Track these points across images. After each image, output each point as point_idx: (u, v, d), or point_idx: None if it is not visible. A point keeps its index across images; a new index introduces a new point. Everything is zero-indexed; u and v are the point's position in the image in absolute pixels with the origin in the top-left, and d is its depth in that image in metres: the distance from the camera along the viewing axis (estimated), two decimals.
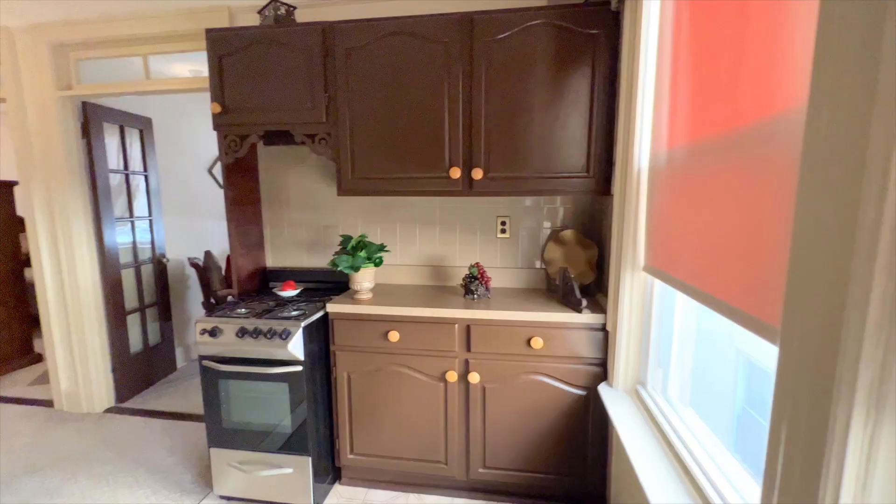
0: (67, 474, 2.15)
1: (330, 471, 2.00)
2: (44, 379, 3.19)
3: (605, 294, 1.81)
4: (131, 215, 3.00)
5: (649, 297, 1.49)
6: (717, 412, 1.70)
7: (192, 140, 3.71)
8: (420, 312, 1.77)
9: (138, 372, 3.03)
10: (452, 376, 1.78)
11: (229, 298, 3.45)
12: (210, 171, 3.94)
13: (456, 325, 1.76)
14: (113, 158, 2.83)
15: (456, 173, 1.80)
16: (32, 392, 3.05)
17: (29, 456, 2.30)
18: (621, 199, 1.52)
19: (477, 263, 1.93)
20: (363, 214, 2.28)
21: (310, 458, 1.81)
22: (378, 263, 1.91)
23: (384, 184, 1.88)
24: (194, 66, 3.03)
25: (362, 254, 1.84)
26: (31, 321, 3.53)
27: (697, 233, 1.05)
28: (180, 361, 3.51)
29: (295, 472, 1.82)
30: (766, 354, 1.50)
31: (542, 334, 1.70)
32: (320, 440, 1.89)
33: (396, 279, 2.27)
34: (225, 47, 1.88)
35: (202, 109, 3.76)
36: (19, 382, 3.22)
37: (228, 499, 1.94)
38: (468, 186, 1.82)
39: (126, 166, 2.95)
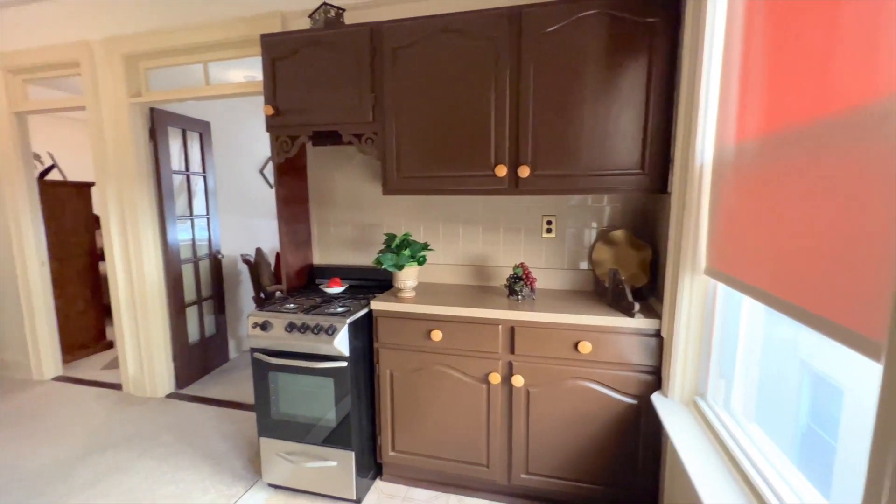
0: (135, 453, 2.32)
1: (372, 466, 2.02)
2: (114, 364, 3.47)
3: (659, 298, 1.71)
4: (191, 214, 3.19)
5: (711, 302, 1.39)
6: (780, 428, 1.56)
7: (245, 142, 3.90)
8: (463, 312, 1.75)
9: (195, 361, 3.22)
10: (496, 378, 1.75)
11: (277, 294, 3.60)
12: (261, 172, 4.13)
13: (500, 327, 1.73)
14: (176, 160, 3.02)
15: (502, 171, 1.76)
16: (105, 376, 3.32)
17: (102, 434, 2.51)
18: (680, 198, 1.42)
19: (522, 263, 1.89)
20: (406, 213, 2.29)
21: (353, 453, 1.84)
22: (422, 262, 1.91)
23: (429, 182, 1.88)
24: (248, 71, 3.19)
25: (406, 252, 1.85)
26: (104, 311, 3.85)
27: (779, 235, 0.95)
28: (232, 352, 3.71)
29: (339, 465, 1.86)
30: (837, 367, 1.35)
31: (591, 338, 1.63)
32: (363, 436, 1.92)
33: (439, 278, 2.26)
34: (278, 51, 1.94)
35: (255, 113, 3.95)
36: (94, 366, 3.52)
37: (276, 487, 2.01)
38: (514, 184, 1.78)
39: (187, 168, 3.14)
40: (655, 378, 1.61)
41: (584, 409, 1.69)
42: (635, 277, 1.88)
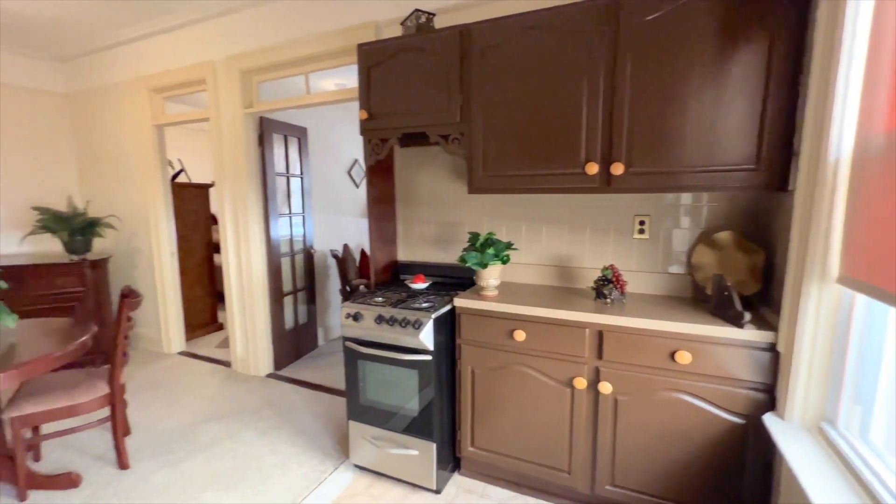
0: (241, 424, 2.61)
1: (451, 459, 2.07)
2: (225, 344, 3.94)
3: (774, 308, 1.53)
4: (290, 212, 3.52)
5: (846, 315, 1.21)
6: None
7: (335, 145, 4.19)
8: (548, 313, 1.71)
9: (290, 346, 3.54)
10: (581, 383, 1.69)
11: (361, 287, 3.82)
12: (348, 173, 4.41)
13: (587, 330, 1.67)
14: (279, 163, 3.34)
15: (593, 169, 1.70)
16: (217, 353, 3.79)
17: (216, 404, 2.86)
18: (807, 196, 1.26)
19: (611, 265, 1.80)
20: (489, 212, 2.30)
21: (434, 445, 1.89)
22: (505, 261, 1.91)
23: (514, 181, 1.87)
24: (339, 80, 3.43)
25: (491, 251, 1.86)
26: (217, 297, 4.39)
27: None
28: (321, 340, 4.01)
29: (420, 455, 1.93)
30: None
31: (690, 348, 1.51)
32: (443, 429, 1.97)
33: (521, 278, 2.24)
34: (373, 59, 2.06)
35: (344, 118, 4.23)
36: (208, 345, 4.03)
37: (361, 468, 2.15)
38: (606, 183, 1.70)
39: (287, 170, 3.46)
40: (768, 397, 1.44)
41: (679, 423, 1.57)
42: (744, 284, 1.70)
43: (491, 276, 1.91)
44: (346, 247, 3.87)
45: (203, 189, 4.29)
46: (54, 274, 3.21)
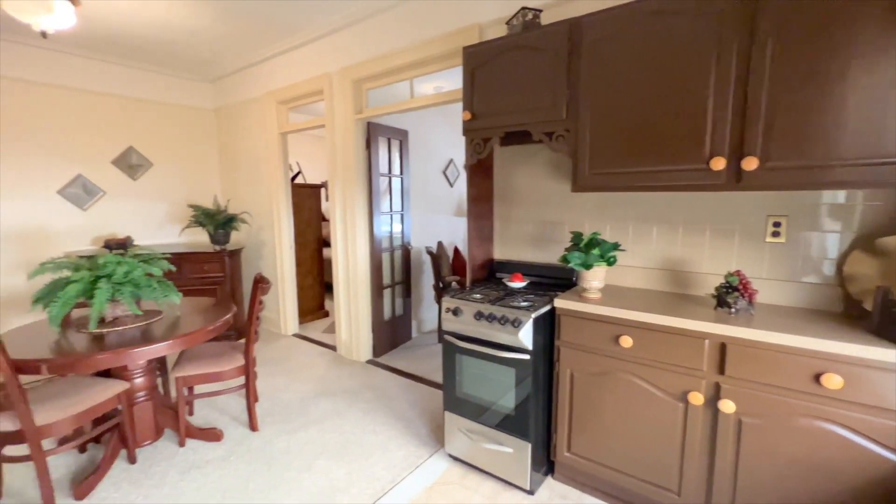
0: (346, 403, 2.86)
1: (545, 462, 2.04)
2: (331, 329, 4.34)
3: None
4: (390, 210, 3.74)
5: None
6: None
7: (431, 146, 4.35)
8: (661, 320, 1.60)
9: (387, 335, 3.77)
10: (696, 398, 1.55)
11: (453, 284, 3.91)
12: (444, 172, 4.55)
13: (706, 341, 1.52)
14: (382, 164, 3.58)
15: (718, 164, 1.54)
16: (324, 338, 4.19)
17: (324, 383, 3.17)
18: None
19: (738, 272, 1.62)
20: (592, 211, 2.21)
21: (529, 445, 1.88)
22: (611, 263, 1.82)
23: (624, 179, 1.77)
24: (438, 83, 3.55)
25: (596, 251, 1.79)
26: (324, 287, 4.86)
27: None
28: (414, 332, 4.21)
29: (514, 453, 1.93)
30: None
31: (842, 371, 1.30)
32: (539, 430, 1.94)
33: (626, 281, 2.12)
34: (477, 60, 2.10)
35: (441, 120, 4.37)
36: (316, 329, 4.47)
37: (455, 459, 2.22)
38: (734, 179, 1.53)
39: (389, 170, 3.69)
40: None
41: (823, 457, 1.35)
42: None
43: (595, 278, 1.84)
44: (440, 244, 4.01)
45: (315, 189, 4.76)
46: (202, 261, 3.83)
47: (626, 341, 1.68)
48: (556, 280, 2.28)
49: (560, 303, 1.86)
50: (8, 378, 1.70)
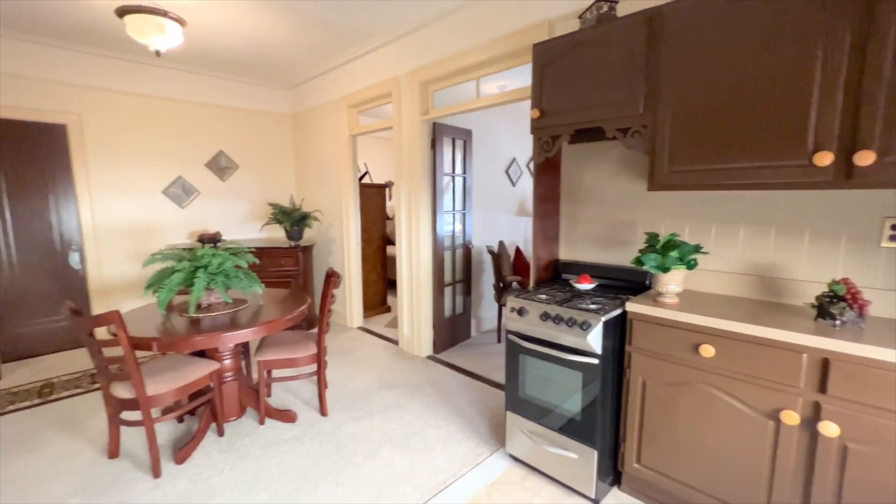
0: (408, 396, 2.95)
1: (611, 472, 1.96)
2: (393, 324, 4.49)
3: None
4: (453, 209, 3.79)
5: None
6: None
7: (494, 146, 4.34)
8: (749, 330, 1.47)
9: (448, 333, 3.83)
10: (791, 418, 1.41)
11: (514, 284, 3.87)
12: (506, 172, 4.52)
13: (804, 356, 1.38)
14: (447, 164, 3.63)
15: (824, 159, 1.38)
16: (387, 332, 4.34)
17: (387, 375, 3.29)
18: None
19: (845, 279, 1.44)
20: (669, 211, 2.08)
21: (596, 452, 1.82)
22: (691, 266, 1.70)
23: (707, 176, 1.65)
24: (502, 82, 3.53)
25: (674, 253, 1.68)
26: (386, 283, 5.03)
27: None
28: (473, 331, 4.23)
29: (579, 459, 1.88)
30: None
31: None
32: (606, 437, 1.88)
33: (706, 286, 1.98)
34: (547, 57, 2.07)
35: (504, 119, 4.34)
36: (379, 324, 4.65)
37: (516, 459, 2.20)
38: (844, 176, 1.37)
39: (453, 170, 3.74)
40: None
41: None
42: None
43: (672, 282, 1.73)
44: (501, 243, 3.99)
45: (381, 189, 4.94)
46: (279, 255, 4.14)
47: (708, 351, 1.56)
48: (627, 283, 2.18)
49: (632, 306, 1.77)
50: (127, 352, 1.96)
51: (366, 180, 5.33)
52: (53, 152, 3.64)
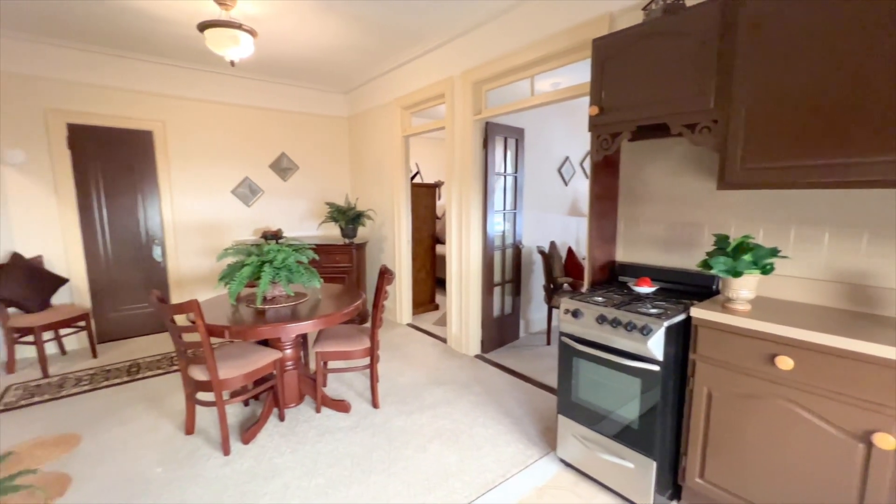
0: (456, 393, 2.97)
1: (669, 485, 1.86)
2: (441, 322, 4.54)
3: None
4: (503, 208, 3.77)
5: None
6: None
7: (547, 144, 4.26)
8: (837, 342, 1.34)
9: (496, 333, 3.81)
10: (885, 441, 1.27)
11: (565, 286, 3.78)
12: (559, 171, 4.42)
13: None
14: (498, 164, 3.62)
15: None
16: (435, 329, 4.40)
17: (436, 372, 3.34)
18: None
19: None
20: (738, 212, 1.95)
21: (654, 463, 1.75)
22: (767, 271, 1.58)
23: (788, 174, 1.52)
24: (555, 79, 3.45)
25: (747, 257, 1.57)
26: (435, 281, 5.10)
27: None
28: (522, 332, 4.18)
29: (636, 469, 1.81)
30: None
31: None
32: (665, 448, 1.79)
33: (782, 293, 1.82)
34: (608, 51, 2.00)
35: (557, 117, 4.25)
36: (427, 321, 4.72)
37: (567, 464, 2.15)
38: None
39: (505, 169, 3.71)
40: None
41: None
42: None
43: (744, 287, 1.62)
44: (552, 244, 3.91)
45: (431, 188, 5.01)
46: (335, 252, 4.32)
47: (785, 363, 1.45)
48: (690, 287, 2.06)
49: (698, 312, 1.68)
50: (203, 338, 2.14)
51: (417, 180, 5.42)
52: (141, 156, 4.04)
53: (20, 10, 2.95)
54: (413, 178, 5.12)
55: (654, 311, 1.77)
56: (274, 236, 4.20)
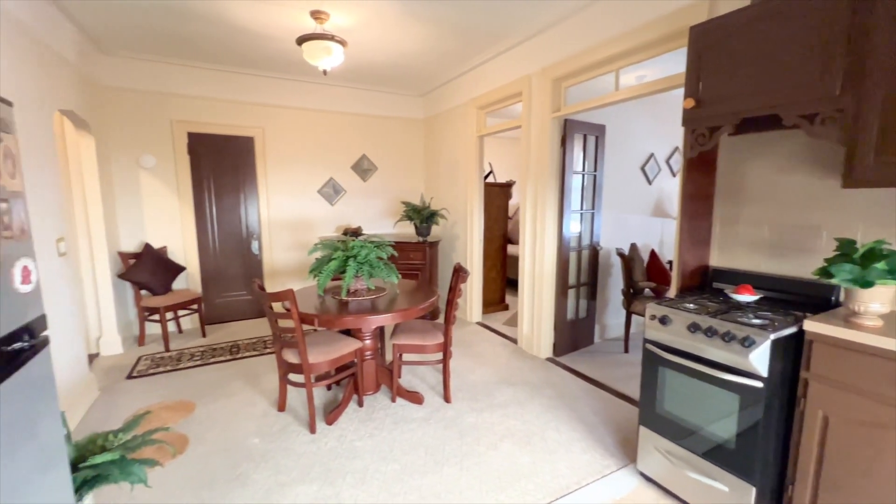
0: (527, 395, 2.94)
1: None
2: (511, 322, 4.51)
3: None
4: (581, 208, 3.64)
5: None
6: None
7: (629, 141, 4.03)
8: None
9: (569, 336, 3.70)
10: None
11: (646, 291, 3.56)
12: (642, 169, 4.17)
13: None
14: (577, 162, 3.51)
15: None
16: (505, 329, 4.38)
17: (506, 372, 3.33)
18: None
19: None
20: (867, 214, 1.69)
21: (754, 489, 1.59)
22: None
23: None
24: (640, 72, 3.25)
25: (881, 265, 1.37)
26: (505, 281, 5.07)
27: None
28: (596, 337, 4.01)
29: (730, 493, 1.66)
30: None
31: None
32: (767, 473, 1.62)
33: None
34: (708, 39, 1.85)
35: (641, 113, 4.01)
36: (497, 321, 4.71)
37: (648, 479, 2.03)
38: None
39: (583, 168, 3.59)
40: None
41: None
42: None
43: (875, 300, 1.41)
44: (633, 246, 3.70)
45: (504, 188, 4.99)
46: (410, 249, 4.48)
47: None
48: (802, 297, 1.84)
49: (814, 325, 1.49)
50: (297, 324, 2.35)
51: (490, 179, 5.43)
52: (244, 159, 4.52)
53: (156, 37, 3.45)
54: (486, 177, 5.13)
55: (757, 321, 1.60)
56: (354, 233, 4.47)
